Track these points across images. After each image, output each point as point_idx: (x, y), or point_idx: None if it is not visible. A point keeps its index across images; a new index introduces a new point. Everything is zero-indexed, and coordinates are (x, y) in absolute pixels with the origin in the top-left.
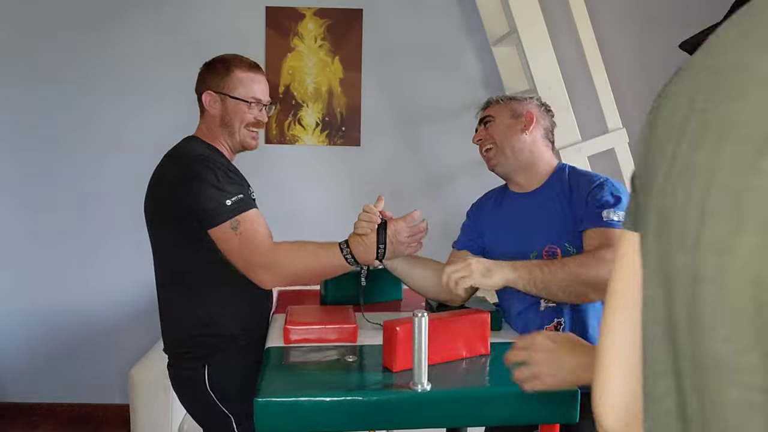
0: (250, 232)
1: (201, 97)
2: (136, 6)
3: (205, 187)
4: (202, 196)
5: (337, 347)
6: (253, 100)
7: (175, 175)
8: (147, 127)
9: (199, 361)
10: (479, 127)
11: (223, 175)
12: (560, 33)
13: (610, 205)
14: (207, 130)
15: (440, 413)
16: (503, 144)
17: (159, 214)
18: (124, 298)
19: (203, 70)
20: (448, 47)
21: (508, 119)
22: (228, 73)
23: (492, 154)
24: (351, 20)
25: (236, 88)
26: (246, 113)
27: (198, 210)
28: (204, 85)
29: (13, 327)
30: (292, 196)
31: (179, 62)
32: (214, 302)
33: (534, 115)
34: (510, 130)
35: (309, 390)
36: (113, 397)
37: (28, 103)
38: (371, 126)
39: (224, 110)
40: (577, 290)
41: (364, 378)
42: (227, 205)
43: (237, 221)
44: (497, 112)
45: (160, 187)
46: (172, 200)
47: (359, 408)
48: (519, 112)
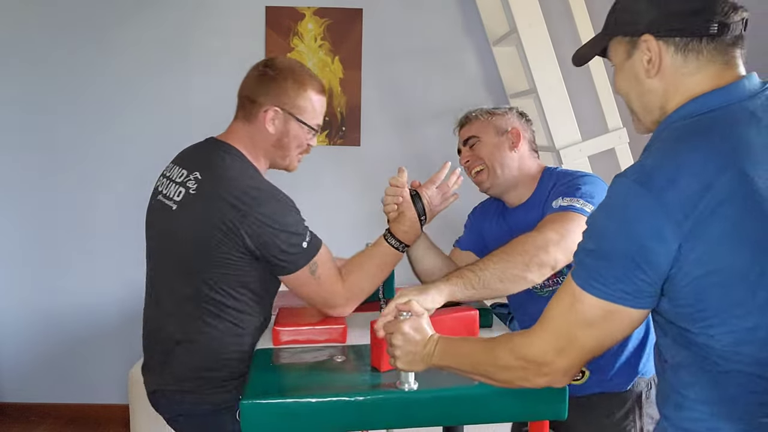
0: (327, 274)
1: (257, 108)
2: (136, 6)
3: (288, 234)
4: (283, 245)
5: (326, 348)
6: (317, 128)
7: (245, 210)
8: (147, 127)
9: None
10: (463, 147)
11: (296, 213)
12: (560, 33)
13: (572, 193)
14: (252, 144)
15: (428, 412)
16: (494, 164)
17: (214, 246)
18: (124, 298)
19: (266, 75)
20: (448, 47)
21: (494, 137)
22: (301, 90)
23: (484, 177)
24: (351, 20)
25: (305, 111)
26: (305, 140)
27: (276, 258)
28: (268, 97)
29: (13, 327)
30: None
31: (179, 62)
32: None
33: (519, 131)
34: (498, 149)
35: (296, 391)
36: (113, 397)
37: (28, 104)
38: (371, 126)
39: (285, 131)
40: (512, 275)
41: (352, 378)
42: (304, 249)
43: (315, 264)
44: (480, 130)
45: (223, 220)
46: (239, 238)
47: (346, 409)
48: (503, 128)
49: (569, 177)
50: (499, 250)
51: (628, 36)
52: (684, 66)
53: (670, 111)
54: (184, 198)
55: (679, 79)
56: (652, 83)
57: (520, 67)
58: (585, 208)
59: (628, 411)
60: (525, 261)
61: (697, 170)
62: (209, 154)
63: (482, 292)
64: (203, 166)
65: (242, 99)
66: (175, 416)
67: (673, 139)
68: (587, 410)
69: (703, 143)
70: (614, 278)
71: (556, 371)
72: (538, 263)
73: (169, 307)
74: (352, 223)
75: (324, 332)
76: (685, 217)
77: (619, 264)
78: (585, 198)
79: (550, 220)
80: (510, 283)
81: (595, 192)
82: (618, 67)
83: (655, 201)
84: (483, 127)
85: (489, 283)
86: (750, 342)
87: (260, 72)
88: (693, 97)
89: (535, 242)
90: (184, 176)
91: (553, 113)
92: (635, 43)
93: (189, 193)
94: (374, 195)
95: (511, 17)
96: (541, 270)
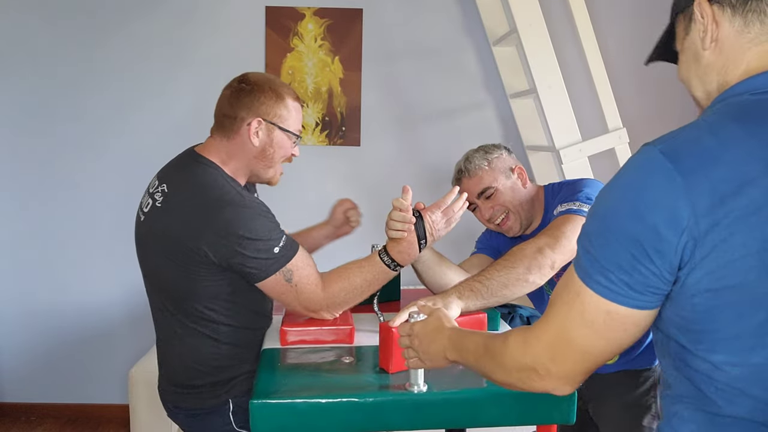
0: (304, 281)
1: (238, 123)
2: (136, 6)
3: (251, 241)
4: (249, 253)
5: (334, 348)
6: (299, 134)
7: (205, 223)
8: (147, 127)
9: (224, 393)
10: (477, 200)
11: (266, 220)
12: (560, 33)
13: (570, 198)
14: (230, 158)
15: (436, 414)
16: (516, 208)
17: (180, 262)
18: (124, 298)
19: (243, 91)
20: (448, 47)
21: (506, 181)
22: (280, 100)
23: (511, 223)
24: (351, 20)
25: (287, 119)
26: (290, 148)
27: (244, 267)
28: (250, 111)
29: (13, 327)
30: (292, 196)
31: (179, 62)
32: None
33: (520, 166)
34: (514, 191)
35: (305, 392)
36: (113, 397)
37: (28, 103)
38: (371, 126)
39: (269, 142)
40: (516, 279)
41: (361, 379)
42: (275, 254)
43: (290, 271)
44: (491, 179)
45: (184, 235)
46: (203, 253)
47: (355, 410)
48: (506, 167)
49: (568, 185)
50: (501, 259)
51: (683, 10)
52: (745, 32)
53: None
54: (150, 210)
55: (740, 49)
56: (710, 57)
57: (520, 67)
58: (582, 209)
59: (651, 386)
60: (525, 265)
61: (740, 158)
62: (183, 166)
63: (491, 301)
64: (172, 178)
65: (220, 118)
66: (174, 410)
67: (725, 114)
68: (611, 386)
69: (760, 129)
70: (617, 267)
71: (553, 378)
72: (537, 266)
73: (153, 314)
74: None
75: (332, 333)
76: (709, 211)
77: (623, 248)
78: (582, 200)
79: (548, 228)
80: (515, 288)
81: (594, 193)
82: (680, 52)
83: (680, 180)
84: (491, 175)
85: (496, 291)
86: (759, 382)
87: (236, 88)
88: (760, 71)
89: (532, 248)
90: (155, 187)
91: (553, 113)
92: (690, 15)
93: (155, 206)
94: (374, 195)
95: (511, 17)
96: (541, 271)
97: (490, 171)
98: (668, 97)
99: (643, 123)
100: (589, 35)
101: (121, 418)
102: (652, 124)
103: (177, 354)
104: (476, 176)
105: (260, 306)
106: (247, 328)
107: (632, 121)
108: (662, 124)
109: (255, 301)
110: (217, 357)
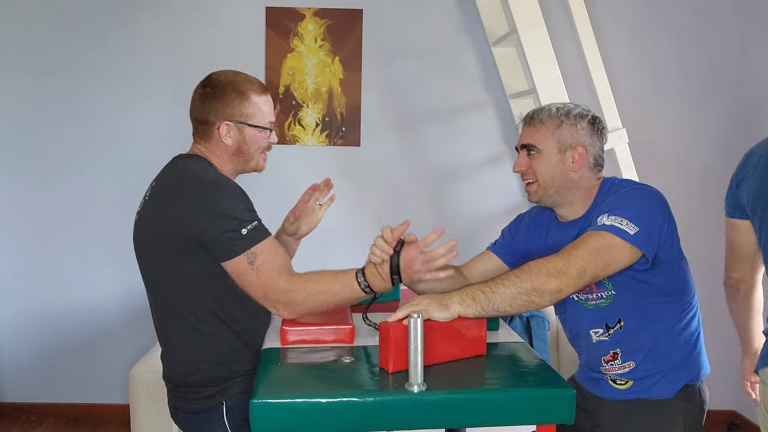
0: (267, 266)
1: (210, 127)
2: (136, 6)
3: (221, 217)
4: (216, 226)
5: (334, 348)
6: (270, 126)
7: (183, 201)
8: (147, 127)
9: (217, 394)
10: (521, 151)
11: (238, 201)
12: (560, 33)
13: (617, 212)
14: (214, 156)
15: (436, 414)
16: (547, 183)
17: (169, 252)
18: (124, 298)
19: (208, 95)
20: (448, 47)
21: (554, 154)
22: (244, 99)
23: (534, 189)
24: (351, 20)
25: (255, 115)
26: (264, 140)
27: (213, 244)
28: (217, 114)
29: (13, 327)
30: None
31: (179, 62)
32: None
33: (584, 149)
34: (556, 168)
35: (305, 391)
36: (113, 397)
37: (28, 104)
38: (371, 126)
39: (242, 140)
40: (522, 300)
41: (360, 379)
42: (243, 235)
43: (253, 254)
44: (543, 141)
45: (166, 218)
46: (183, 233)
47: (355, 409)
48: (567, 143)
49: (624, 191)
50: (512, 272)
51: None
52: None
53: None
54: (141, 207)
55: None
56: None
57: (520, 67)
58: (628, 230)
59: (667, 420)
60: (534, 287)
61: None
62: (171, 164)
63: (491, 313)
64: (160, 175)
65: (194, 122)
66: (174, 411)
67: None
68: (622, 415)
69: None
70: None
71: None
72: (541, 291)
73: (152, 313)
74: (351, 223)
75: (332, 332)
76: None
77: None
78: (631, 219)
79: (576, 243)
80: (519, 307)
81: (644, 210)
82: None
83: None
84: (546, 138)
85: (499, 307)
86: None
87: (201, 93)
88: None
89: (547, 268)
90: (148, 188)
91: None
92: None
93: (145, 201)
94: (374, 195)
95: (510, 17)
96: (542, 297)
97: (549, 131)
98: (668, 97)
99: (643, 123)
100: (589, 35)
101: (121, 418)
102: (652, 124)
103: (172, 352)
104: (534, 126)
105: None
106: (241, 328)
107: (632, 121)
108: (662, 124)
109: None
110: (209, 356)
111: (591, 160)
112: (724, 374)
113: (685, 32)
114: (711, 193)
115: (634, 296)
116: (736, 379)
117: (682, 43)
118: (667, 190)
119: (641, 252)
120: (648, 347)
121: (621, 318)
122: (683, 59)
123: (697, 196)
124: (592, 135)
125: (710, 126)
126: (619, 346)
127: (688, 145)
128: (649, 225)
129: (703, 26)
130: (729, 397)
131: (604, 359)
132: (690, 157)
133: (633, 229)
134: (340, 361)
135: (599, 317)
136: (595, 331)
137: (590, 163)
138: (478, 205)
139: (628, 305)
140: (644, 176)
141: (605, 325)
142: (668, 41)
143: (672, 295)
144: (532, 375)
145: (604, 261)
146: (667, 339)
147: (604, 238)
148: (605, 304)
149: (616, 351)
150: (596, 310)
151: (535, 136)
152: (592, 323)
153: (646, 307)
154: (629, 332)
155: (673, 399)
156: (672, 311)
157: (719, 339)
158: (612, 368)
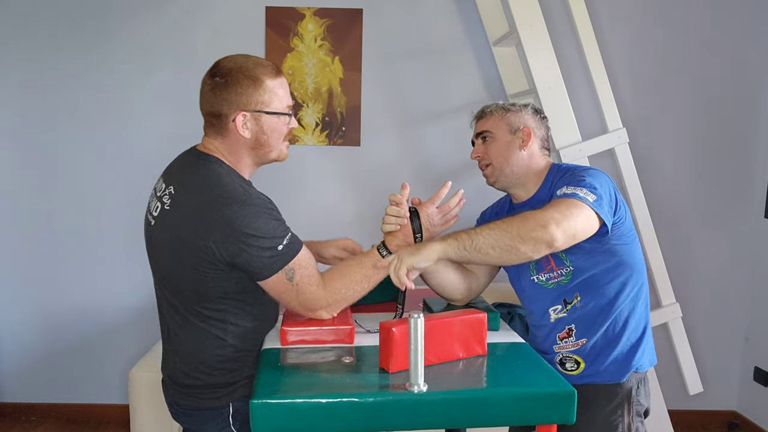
0: (305, 281)
1: (224, 120)
2: (136, 6)
3: (256, 239)
4: (253, 251)
5: (334, 348)
6: (289, 111)
7: (213, 223)
8: (148, 128)
9: (224, 396)
10: (477, 140)
11: (269, 217)
12: (560, 33)
13: (577, 184)
14: (230, 152)
15: (437, 414)
16: (501, 164)
17: (190, 263)
18: (124, 298)
19: (218, 85)
20: (448, 47)
21: (506, 136)
22: (258, 85)
23: (490, 172)
24: (351, 20)
25: (271, 101)
26: (284, 126)
27: (249, 265)
28: (230, 105)
29: (13, 327)
30: (292, 197)
31: (179, 62)
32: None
33: (530, 130)
34: (508, 148)
35: (305, 391)
36: (113, 397)
37: (29, 104)
38: (371, 126)
39: (260, 130)
40: (505, 244)
41: (361, 379)
42: (279, 252)
43: (291, 270)
44: (495, 126)
45: (192, 235)
46: (211, 251)
47: (355, 409)
48: (515, 126)
49: (574, 170)
50: (499, 220)
51: None
52: None
53: None
54: (160, 213)
55: None
56: None
57: (520, 67)
58: (587, 198)
59: (618, 405)
60: (521, 233)
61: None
62: (187, 166)
63: (474, 256)
64: (178, 179)
65: (206, 116)
66: (175, 407)
67: None
68: (579, 401)
69: None
70: None
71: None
72: (534, 238)
73: (160, 311)
74: (352, 223)
75: (332, 333)
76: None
77: None
78: (588, 188)
79: (555, 203)
80: (502, 252)
81: (598, 184)
82: None
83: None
84: (497, 123)
85: (481, 248)
86: None
87: (211, 83)
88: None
89: (536, 218)
90: (163, 190)
91: (553, 113)
92: None
93: (164, 209)
94: (374, 195)
95: (511, 17)
96: (537, 246)
97: (498, 119)
98: (668, 97)
99: (643, 123)
100: (589, 35)
101: (121, 418)
102: (652, 124)
103: (182, 353)
104: (485, 118)
105: (269, 307)
106: (254, 330)
107: (632, 121)
108: (662, 124)
109: (264, 301)
110: (222, 358)
111: (538, 142)
112: (724, 374)
113: (686, 32)
114: (711, 192)
115: (591, 271)
116: (736, 379)
117: (682, 42)
118: (667, 190)
119: (601, 220)
120: (600, 324)
121: (578, 293)
122: (683, 59)
123: (697, 196)
124: (536, 120)
125: (710, 126)
126: (575, 322)
127: (688, 145)
128: (606, 195)
129: (703, 26)
130: (729, 397)
131: (558, 336)
132: (690, 157)
133: (592, 197)
134: (340, 361)
135: (559, 295)
136: (554, 309)
137: (538, 144)
138: (478, 205)
139: (586, 281)
140: (644, 176)
141: (563, 301)
142: (668, 41)
143: (626, 272)
144: (532, 375)
145: (574, 219)
146: (619, 320)
147: (570, 201)
148: (565, 281)
149: (571, 327)
150: (557, 288)
151: (487, 124)
152: (552, 302)
153: (603, 286)
154: (586, 308)
155: (622, 384)
156: (626, 291)
157: (719, 339)
158: (566, 346)
